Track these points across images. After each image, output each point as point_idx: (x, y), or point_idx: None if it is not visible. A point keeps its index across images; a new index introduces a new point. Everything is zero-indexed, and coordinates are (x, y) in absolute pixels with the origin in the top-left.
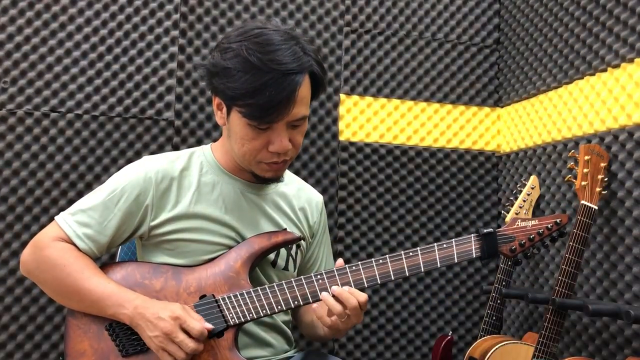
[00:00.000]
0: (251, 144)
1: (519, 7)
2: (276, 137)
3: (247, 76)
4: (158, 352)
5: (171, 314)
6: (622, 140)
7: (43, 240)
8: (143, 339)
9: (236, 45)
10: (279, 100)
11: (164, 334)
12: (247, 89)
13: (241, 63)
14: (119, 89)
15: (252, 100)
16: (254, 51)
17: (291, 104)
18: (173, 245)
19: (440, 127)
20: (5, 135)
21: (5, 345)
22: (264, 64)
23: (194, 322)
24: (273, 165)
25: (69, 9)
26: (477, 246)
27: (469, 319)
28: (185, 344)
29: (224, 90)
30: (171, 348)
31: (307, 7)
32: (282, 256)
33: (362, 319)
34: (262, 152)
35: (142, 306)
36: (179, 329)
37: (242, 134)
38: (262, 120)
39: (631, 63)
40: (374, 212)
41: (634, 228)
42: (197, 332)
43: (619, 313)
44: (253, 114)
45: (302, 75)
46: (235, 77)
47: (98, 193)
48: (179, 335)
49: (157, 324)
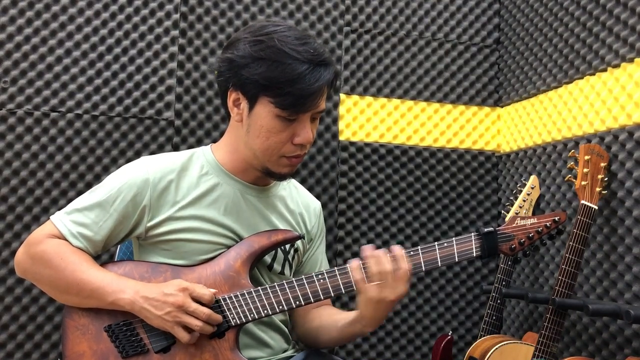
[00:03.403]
0: (277, 137)
1: (519, 7)
2: (302, 129)
3: (284, 66)
4: (173, 328)
5: (178, 287)
6: (622, 140)
7: (37, 237)
8: (151, 323)
9: (266, 38)
10: (314, 90)
11: (176, 307)
12: (284, 77)
13: (275, 53)
14: (119, 89)
15: (290, 88)
16: (286, 43)
17: (322, 94)
18: (170, 245)
19: (440, 127)
20: (5, 135)
21: (5, 345)
22: (300, 54)
23: (202, 289)
24: (293, 159)
25: (69, 9)
26: (477, 245)
27: (469, 319)
28: (200, 311)
29: (256, 80)
30: (186, 319)
31: (307, 7)
32: (278, 260)
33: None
34: (287, 145)
35: (143, 289)
36: (190, 299)
37: (268, 127)
38: (295, 109)
39: (631, 63)
40: (374, 212)
41: (634, 228)
42: (209, 298)
43: (619, 313)
44: (287, 102)
45: (331, 68)
46: (271, 66)
47: (94, 193)
48: (191, 305)
49: (166, 299)
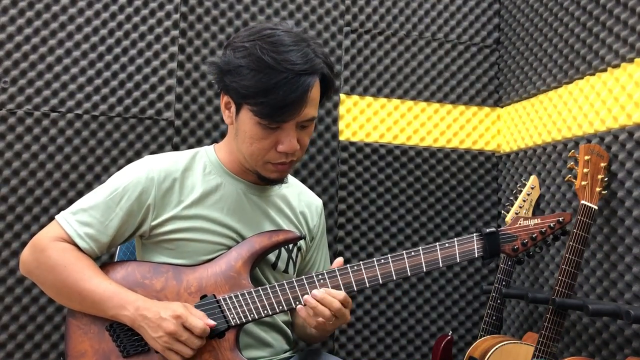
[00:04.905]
0: (260, 144)
1: (519, 7)
2: (285, 137)
3: (261, 75)
4: (164, 352)
5: (172, 313)
6: (622, 140)
7: (43, 240)
8: (146, 341)
9: (249, 44)
10: (291, 101)
11: (168, 334)
12: (260, 87)
13: (255, 62)
14: (119, 89)
15: (264, 99)
16: (268, 51)
17: (303, 104)
18: (173, 244)
19: (440, 127)
20: (5, 135)
21: (5, 345)
22: (277, 64)
23: (195, 320)
24: (279, 166)
25: (69, 9)
26: (479, 246)
27: (469, 319)
28: (191, 342)
29: (236, 88)
30: (177, 347)
31: (307, 7)
32: (282, 258)
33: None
34: (271, 152)
35: (143, 307)
36: (182, 328)
37: (251, 133)
38: (273, 119)
39: (631, 63)
40: (374, 212)
41: (634, 228)
42: (200, 331)
43: (619, 313)
44: (265, 112)
45: (314, 76)
46: (248, 75)
47: (99, 192)
48: (183, 334)
49: (160, 324)
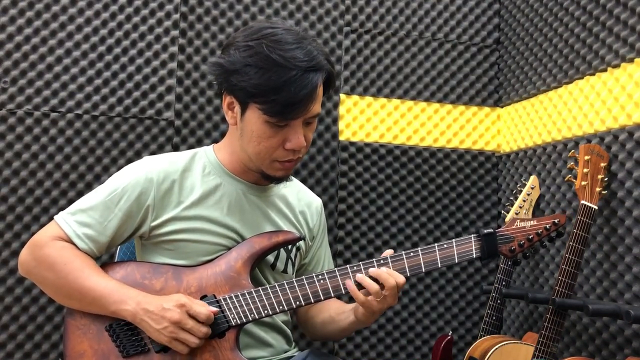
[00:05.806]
0: (268, 142)
1: (519, 7)
2: (293, 134)
3: (270, 73)
4: (170, 343)
5: (176, 303)
6: (622, 140)
7: (42, 239)
8: (150, 335)
9: (254, 43)
10: (301, 98)
11: (173, 323)
12: (270, 85)
13: (262, 60)
14: (119, 89)
15: (275, 96)
16: (274, 49)
17: (312, 101)
18: (173, 245)
19: (440, 127)
20: (5, 135)
21: (5, 345)
22: (286, 61)
23: (199, 307)
24: (286, 163)
25: (69, 9)
26: (477, 246)
27: (469, 319)
28: (197, 329)
29: (244, 87)
30: (183, 336)
31: (307, 7)
32: (281, 259)
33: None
34: (278, 150)
35: (144, 301)
36: (187, 316)
37: (259, 132)
38: (283, 116)
39: (631, 63)
40: (374, 212)
41: (634, 228)
42: (204, 317)
43: (619, 313)
44: (275, 110)
45: (320, 73)
46: (257, 74)
47: (98, 192)
48: (188, 322)
49: (164, 314)
